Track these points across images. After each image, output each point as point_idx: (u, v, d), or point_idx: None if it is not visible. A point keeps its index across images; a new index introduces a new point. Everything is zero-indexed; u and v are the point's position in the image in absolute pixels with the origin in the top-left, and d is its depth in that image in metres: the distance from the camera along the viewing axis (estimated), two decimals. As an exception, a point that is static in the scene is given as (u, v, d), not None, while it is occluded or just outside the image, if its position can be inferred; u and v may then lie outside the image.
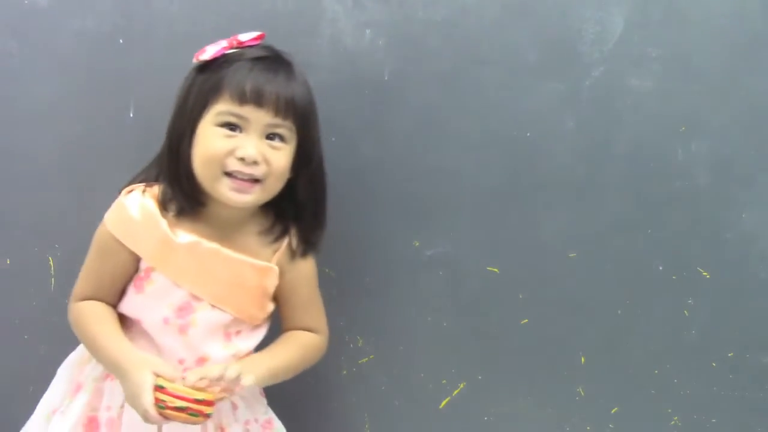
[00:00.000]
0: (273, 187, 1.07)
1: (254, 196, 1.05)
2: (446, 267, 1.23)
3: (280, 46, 1.23)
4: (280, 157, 1.05)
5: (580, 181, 1.16)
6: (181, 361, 1.08)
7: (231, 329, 1.11)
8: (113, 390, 1.08)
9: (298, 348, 1.14)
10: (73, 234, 1.23)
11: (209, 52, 1.05)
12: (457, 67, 1.18)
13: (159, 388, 0.98)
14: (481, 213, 1.21)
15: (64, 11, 1.30)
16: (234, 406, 1.13)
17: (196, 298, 1.08)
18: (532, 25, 1.14)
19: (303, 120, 1.07)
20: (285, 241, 1.13)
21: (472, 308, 1.24)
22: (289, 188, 1.10)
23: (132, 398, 1.00)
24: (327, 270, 1.27)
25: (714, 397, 1.17)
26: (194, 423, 0.99)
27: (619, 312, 1.18)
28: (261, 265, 1.10)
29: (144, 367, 1.00)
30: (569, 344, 1.21)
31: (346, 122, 1.23)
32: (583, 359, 1.21)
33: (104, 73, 1.30)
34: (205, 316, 1.08)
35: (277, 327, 1.17)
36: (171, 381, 0.99)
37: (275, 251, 1.12)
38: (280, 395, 1.35)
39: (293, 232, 1.13)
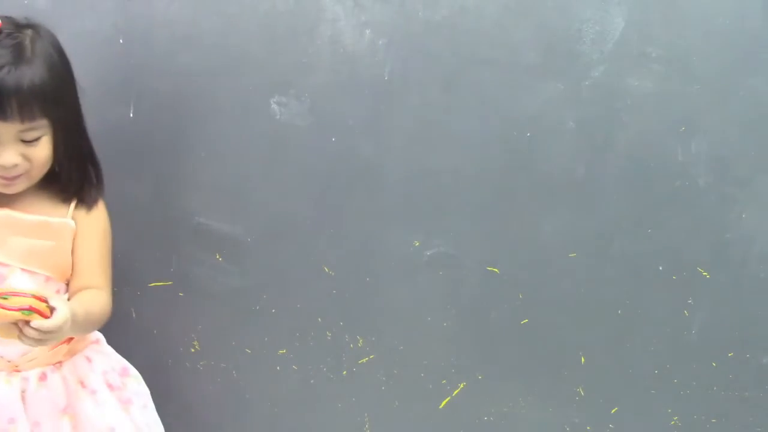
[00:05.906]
0: (39, 174, 1.09)
1: (22, 185, 1.09)
2: (446, 267, 1.23)
3: (280, 46, 1.24)
4: (40, 151, 1.07)
5: (580, 181, 1.16)
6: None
7: (50, 289, 1.12)
8: None
9: (99, 303, 1.13)
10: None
11: None
12: (457, 67, 1.17)
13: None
14: (481, 213, 1.21)
15: (64, 11, 1.30)
16: (88, 359, 1.17)
17: (3, 265, 1.09)
18: (532, 25, 1.14)
19: (52, 105, 1.05)
20: (76, 197, 1.15)
21: (472, 308, 1.23)
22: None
23: None
24: (327, 270, 1.27)
25: (714, 397, 1.17)
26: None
27: (619, 312, 1.18)
28: (57, 221, 1.13)
29: None
30: (569, 344, 1.21)
31: (346, 122, 1.23)
32: (583, 359, 1.21)
33: (104, 73, 1.30)
34: (18, 280, 1.09)
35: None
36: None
37: (69, 207, 1.15)
38: (280, 395, 1.34)
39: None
